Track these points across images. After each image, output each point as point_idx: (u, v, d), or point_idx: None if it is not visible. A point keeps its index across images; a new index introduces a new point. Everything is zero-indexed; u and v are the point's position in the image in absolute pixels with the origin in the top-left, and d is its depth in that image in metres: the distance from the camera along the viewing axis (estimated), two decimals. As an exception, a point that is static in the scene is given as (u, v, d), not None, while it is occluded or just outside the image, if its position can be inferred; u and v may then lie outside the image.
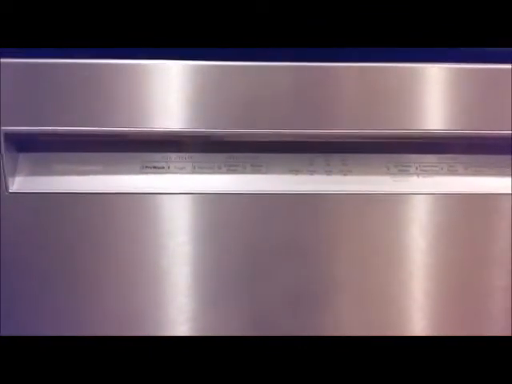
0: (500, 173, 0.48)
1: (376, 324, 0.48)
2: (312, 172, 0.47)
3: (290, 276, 0.47)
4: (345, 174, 0.47)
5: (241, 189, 0.47)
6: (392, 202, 0.47)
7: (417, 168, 0.47)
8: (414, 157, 0.47)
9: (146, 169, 0.47)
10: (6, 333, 0.47)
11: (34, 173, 0.46)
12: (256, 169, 0.47)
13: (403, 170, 0.47)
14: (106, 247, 0.47)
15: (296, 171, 0.47)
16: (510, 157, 0.47)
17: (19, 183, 0.46)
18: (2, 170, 0.45)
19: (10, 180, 0.45)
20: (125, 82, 0.44)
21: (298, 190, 0.47)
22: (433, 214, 0.47)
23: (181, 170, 0.47)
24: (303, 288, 0.47)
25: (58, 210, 0.46)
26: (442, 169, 0.47)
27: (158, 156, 0.47)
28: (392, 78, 0.44)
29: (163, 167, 0.46)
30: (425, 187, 0.47)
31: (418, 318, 0.49)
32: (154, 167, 0.47)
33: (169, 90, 0.44)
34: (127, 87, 0.44)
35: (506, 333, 0.49)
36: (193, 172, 0.47)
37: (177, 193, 0.46)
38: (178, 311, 0.48)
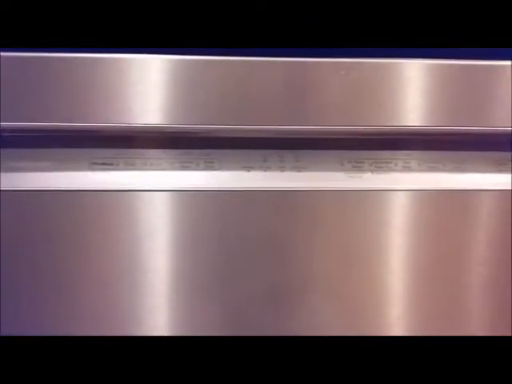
0: (455, 169, 0.48)
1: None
2: (265, 168, 0.47)
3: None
4: (298, 171, 0.47)
5: (194, 186, 0.46)
6: (346, 199, 0.46)
7: (371, 164, 0.47)
8: (368, 153, 0.47)
9: (94, 165, 0.45)
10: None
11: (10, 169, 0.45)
12: (209, 165, 0.46)
13: (357, 167, 0.47)
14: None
15: (249, 168, 0.47)
16: (465, 153, 0.48)
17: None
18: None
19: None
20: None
21: (251, 186, 0.46)
22: (386, 210, 0.46)
23: (131, 167, 0.46)
24: (260, 290, 0.47)
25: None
26: (396, 165, 0.47)
27: (108, 152, 0.46)
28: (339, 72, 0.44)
29: (112, 164, 0.45)
30: (379, 183, 0.46)
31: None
32: (103, 164, 0.45)
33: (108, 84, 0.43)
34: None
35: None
36: (143, 169, 0.46)
37: (126, 190, 0.45)
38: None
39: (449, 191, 0.47)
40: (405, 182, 0.47)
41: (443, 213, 0.47)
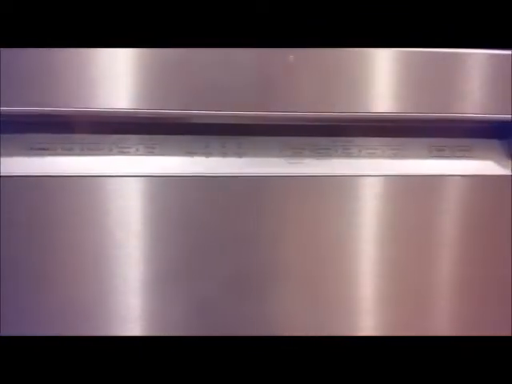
0: (393, 155, 0.49)
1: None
2: (207, 154, 0.47)
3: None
4: (240, 157, 0.47)
5: (135, 171, 0.45)
6: (287, 184, 0.46)
7: (311, 150, 0.47)
8: (308, 139, 0.47)
9: (32, 150, 0.44)
10: None
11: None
12: (149, 150, 0.46)
13: (297, 153, 0.47)
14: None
15: (191, 153, 0.46)
16: (402, 139, 0.49)
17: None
18: None
19: None
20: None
21: (193, 172, 0.46)
22: (327, 196, 0.47)
23: (69, 152, 0.45)
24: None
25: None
26: (336, 151, 0.48)
27: (46, 137, 0.45)
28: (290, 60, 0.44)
29: (48, 149, 0.45)
30: (319, 169, 0.47)
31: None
32: (41, 149, 0.45)
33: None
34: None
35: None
36: (81, 154, 0.45)
37: (65, 175, 0.44)
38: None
39: (387, 176, 0.48)
40: (345, 168, 0.47)
41: (382, 197, 0.48)
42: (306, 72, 0.44)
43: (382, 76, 0.45)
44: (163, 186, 0.45)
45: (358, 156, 0.48)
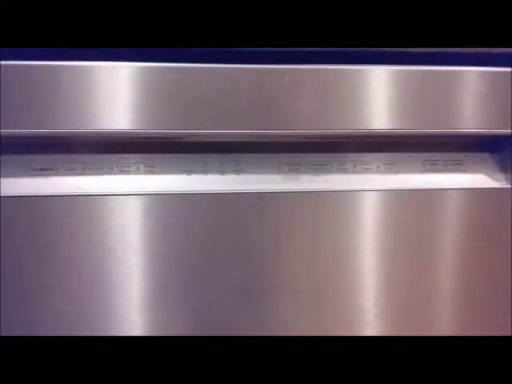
0: (387, 170, 0.50)
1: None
2: (206, 172, 0.48)
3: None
4: (237, 174, 0.48)
5: (135, 189, 0.46)
6: (285, 200, 0.47)
7: (307, 167, 0.48)
8: (304, 156, 0.48)
9: (34, 171, 0.45)
10: None
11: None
12: (149, 169, 0.47)
13: (294, 169, 0.48)
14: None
15: (189, 171, 0.47)
16: (396, 154, 0.50)
17: None
18: None
19: None
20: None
21: (192, 189, 0.47)
22: (324, 211, 0.48)
23: (71, 172, 0.46)
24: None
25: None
26: (331, 167, 0.49)
27: (46, 158, 0.46)
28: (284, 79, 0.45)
29: (52, 169, 0.45)
30: (315, 185, 0.48)
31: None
32: (42, 169, 0.45)
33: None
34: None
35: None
36: (82, 174, 0.46)
37: (67, 195, 0.45)
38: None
39: (382, 191, 0.48)
40: (341, 183, 0.48)
41: (378, 211, 0.49)
42: (302, 90, 0.45)
43: (376, 93, 0.47)
44: (163, 204, 0.46)
45: (354, 171, 0.49)
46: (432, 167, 0.50)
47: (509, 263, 0.50)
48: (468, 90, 0.47)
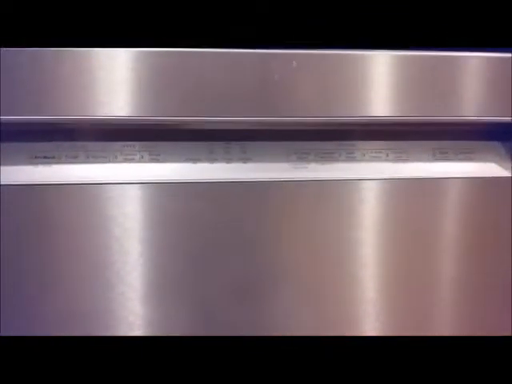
0: (396, 159, 0.49)
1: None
2: (212, 160, 0.47)
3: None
4: (244, 162, 0.47)
5: (140, 178, 0.45)
6: (293, 189, 0.47)
7: (316, 155, 0.48)
8: (312, 144, 0.48)
9: (36, 159, 0.44)
10: None
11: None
12: (154, 157, 0.46)
13: (302, 158, 0.47)
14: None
15: (195, 160, 0.46)
16: (405, 142, 0.49)
17: None
18: None
19: None
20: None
21: (198, 178, 0.46)
22: (332, 200, 0.47)
23: (74, 160, 0.45)
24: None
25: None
26: (340, 155, 0.48)
27: (49, 146, 0.45)
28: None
29: (54, 157, 0.44)
30: (323, 174, 0.47)
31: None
32: (45, 157, 0.44)
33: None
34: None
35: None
36: (86, 162, 0.45)
37: (71, 183, 0.44)
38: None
39: (391, 180, 0.48)
40: (349, 172, 0.48)
41: (386, 200, 0.48)
42: (310, 76, 0.44)
43: (385, 80, 0.46)
44: (168, 193, 0.45)
45: (362, 160, 0.48)
46: (442, 156, 0.49)
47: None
48: (479, 77, 0.46)
